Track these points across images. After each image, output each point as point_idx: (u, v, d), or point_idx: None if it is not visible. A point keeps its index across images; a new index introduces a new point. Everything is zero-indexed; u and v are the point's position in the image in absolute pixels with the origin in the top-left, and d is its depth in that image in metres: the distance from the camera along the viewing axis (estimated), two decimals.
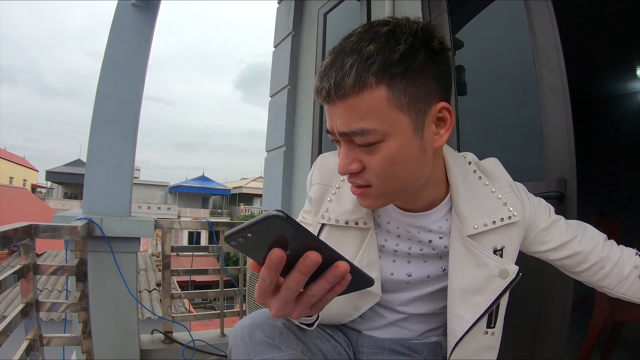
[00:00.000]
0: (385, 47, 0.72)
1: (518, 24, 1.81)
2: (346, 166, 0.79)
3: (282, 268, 0.55)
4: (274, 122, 3.72)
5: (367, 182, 0.80)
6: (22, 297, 1.82)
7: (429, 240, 0.97)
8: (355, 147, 0.77)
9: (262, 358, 0.81)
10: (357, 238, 0.97)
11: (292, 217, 0.50)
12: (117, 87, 2.51)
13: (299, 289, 0.57)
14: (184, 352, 2.42)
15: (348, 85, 0.71)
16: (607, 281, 0.96)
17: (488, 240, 0.90)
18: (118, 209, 2.39)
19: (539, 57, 1.62)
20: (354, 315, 1.03)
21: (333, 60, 0.75)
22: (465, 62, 2.23)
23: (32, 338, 1.82)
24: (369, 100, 0.72)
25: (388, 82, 0.72)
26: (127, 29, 2.58)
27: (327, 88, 0.73)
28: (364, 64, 0.71)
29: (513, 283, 0.89)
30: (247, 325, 0.86)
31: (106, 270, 2.27)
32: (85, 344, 2.05)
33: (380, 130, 0.74)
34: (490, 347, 0.97)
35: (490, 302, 0.90)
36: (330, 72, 0.73)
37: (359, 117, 0.73)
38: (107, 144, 2.44)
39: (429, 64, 0.75)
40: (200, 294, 3.07)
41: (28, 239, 1.80)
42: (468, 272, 0.91)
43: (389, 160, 0.76)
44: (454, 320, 0.93)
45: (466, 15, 2.28)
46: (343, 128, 0.75)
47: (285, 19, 3.72)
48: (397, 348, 1.07)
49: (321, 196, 1.02)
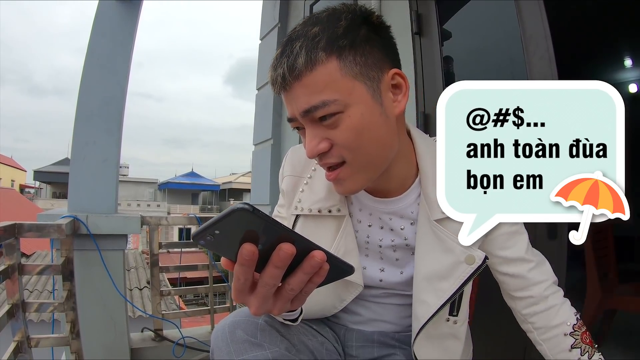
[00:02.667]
0: (329, 26, 0.76)
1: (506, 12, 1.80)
2: (314, 147, 0.79)
3: (255, 264, 0.53)
4: (261, 115, 3.69)
5: (340, 158, 0.80)
6: (8, 298, 1.78)
7: (400, 227, 0.96)
8: (319, 125, 0.78)
9: (244, 357, 0.79)
10: (333, 226, 0.97)
11: (259, 210, 0.48)
12: (100, 83, 2.47)
13: (275, 283, 0.56)
14: (174, 349, 2.39)
15: (300, 65, 0.74)
16: (534, 319, 0.93)
17: (456, 225, 0.86)
18: (104, 206, 2.36)
19: (528, 44, 1.61)
20: (339, 306, 1.02)
21: (282, 50, 0.78)
22: (453, 53, 2.22)
23: (20, 340, 1.79)
24: (323, 74, 0.75)
25: (337, 54, 0.75)
26: (110, 24, 2.54)
27: (281, 74, 0.76)
28: (312, 42, 0.75)
29: (479, 270, 0.88)
30: (227, 324, 0.85)
31: (93, 269, 2.23)
32: (74, 344, 2.01)
33: (340, 100, 0.75)
34: (454, 335, 0.96)
35: (455, 288, 0.88)
36: (282, 59, 0.76)
37: (318, 91, 0.75)
38: (91, 141, 2.40)
39: (372, 36, 0.79)
40: (190, 290, 3.03)
41: (12, 239, 1.76)
42: (434, 257, 0.90)
43: (355, 129, 0.77)
44: (419, 306, 0.92)
45: (454, 6, 2.27)
46: (304, 105, 0.76)
47: (272, 10, 3.69)
48: (386, 340, 1.06)
49: (293, 188, 1.02)
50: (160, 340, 2.50)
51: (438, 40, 2.18)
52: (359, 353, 1.07)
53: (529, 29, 1.60)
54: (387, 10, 2.53)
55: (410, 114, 2.27)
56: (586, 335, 0.90)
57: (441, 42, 2.18)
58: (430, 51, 2.21)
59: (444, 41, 2.19)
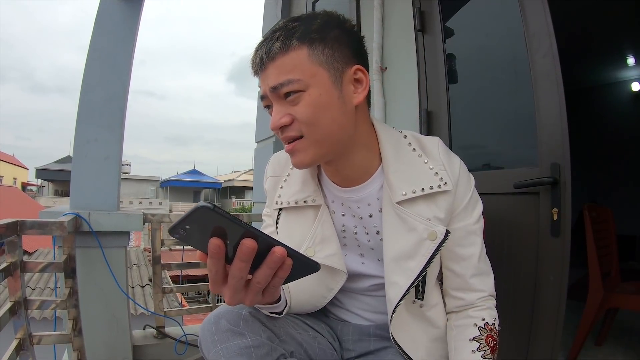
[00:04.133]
0: (306, 22, 0.89)
1: (509, 9, 1.80)
2: (277, 121, 0.89)
3: (223, 257, 0.59)
4: (264, 112, 3.65)
5: (299, 132, 0.90)
6: (10, 295, 1.78)
7: (369, 214, 1.02)
8: (284, 102, 0.89)
9: (226, 344, 0.84)
10: (312, 216, 1.05)
11: (220, 208, 0.54)
12: (102, 80, 2.46)
13: (243, 276, 0.62)
14: (176, 346, 2.39)
15: (277, 48, 0.87)
16: (453, 318, 1.02)
17: (417, 208, 0.95)
18: (106, 203, 2.35)
19: (531, 42, 1.60)
20: (328, 296, 1.06)
21: (264, 39, 0.90)
22: (456, 50, 2.21)
23: (22, 337, 1.79)
24: (293, 57, 0.87)
25: (308, 44, 0.87)
26: (112, 22, 2.52)
27: (260, 55, 0.89)
28: (289, 32, 0.87)
29: (442, 245, 0.92)
30: (213, 315, 0.90)
31: (95, 266, 2.23)
32: (76, 341, 2.01)
33: (303, 80, 0.87)
34: (427, 320, 1.01)
35: (422, 267, 0.93)
36: (262, 45, 0.89)
37: (287, 71, 0.87)
38: (93, 138, 2.39)
39: (343, 37, 0.92)
40: (192, 287, 3.04)
41: (14, 236, 1.76)
42: (400, 238, 0.95)
43: (313, 106, 0.87)
44: (390, 288, 0.97)
45: (456, 3, 2.26)
46: (273, 82, 0.88)
47: (274, 9, 3.69)
48: (382, 333, 1.09)
49: (274, 186, 1.12)
50: (162, 337, 2.50)
51: (441, 37, 2.17)
52: (356, 347, 1.10)
53: (532, 27, 1.60)
54: (390, 7, 2.53)
55: (413, 111, 2.26)
56: (491, 339, 0.96)
57: (444, 40, 2.17)
58: (433, 48, 2.20)
59: (446, 38, 2.19)
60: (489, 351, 0.93)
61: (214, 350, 0.84)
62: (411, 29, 2.30)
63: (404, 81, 2.36)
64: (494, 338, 0.96)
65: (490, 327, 0.96)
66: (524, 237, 1.57)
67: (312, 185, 1.05)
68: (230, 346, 0.83)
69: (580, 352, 2.20)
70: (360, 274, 1.07)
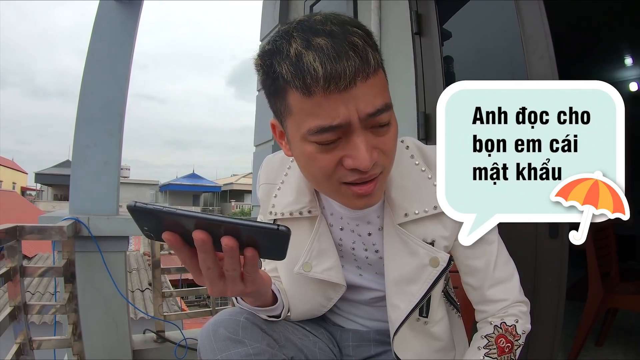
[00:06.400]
0: (366, 31, 0.72)
1: (506, 12, 1.80)
2: (372, 157, 0.72)
3: (181, 248, 0.58)
4: (262, 116, 3.69)
5: (382, 167, 0.76)
6: (10, 300, 1.78)
7: (367, 233, 0.96)
8: (368, 133, 0.71)
9: (226, 353, 0.81)
10: (308, 228, 0.97)
11: (145, 204, 0.53)
12: (101, 85, 2.46)
13: (210, 266, 0.60)
14: (176, 351, 2.39)
15: (372, 63, 0.68)
16: (472, 288, 0.95)
17: (420, 229, 0.88)
18: (105, 207, 2.35)
19: (528, 44, 1.61)
20: (327, 305, 1.03)
21: (332, 42, 0.66)
22: (454, 53, 2.22)
23: (22, 342, 1.78)
24: (382, 77, 0.72)
25: (380, 59, 0.72)
26: (110, 25, 2.53)
27: (351, 68, 0.65)
28: (370, 41, 0.70)
29: (445, 272, 0.88)
30: (211, 323, 0.88)
31: (95, 271, 2.23)
32: (76, 346, 2.01)
33: (390, 106, 0.73)
34: (430, 335, 0.96)
35: (424, 292, 0.88)
36: (342, 51, 0.65)
37: (380, 93, 0.71)
38: (92, 143, 2.39)
39: None
40: (192, 291, 3.04)
41: (14, 241, 1.76)
42: (401, 260, 0.90)
43: (395, 137, 0.76)
44: (391, 310, 0.93)
45: (453, 6, 2.27)
46: (369, 109, 0.69)
47: (272, 11, 3.69)
48: (382, 339, 1.07)
49: (268, 195, 1.04)
50: (162, 341, 2.50)
51: (438, 40, 2.18)
52: (356, 353, 1.08)
53: (529, 29, 1.60)
54: (387, 10, 2.53)
55: (411, 114, 2.27)
56: (504, 340, 0.90)
57: (441, 42, 2.18)
58: (430, 51, 2.21)
59: (444, 41, 2.20)
60: (495, 351, 0.87)
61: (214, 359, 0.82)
62: (408, 31, 2.31)
63: (402, 84, 2.36)
64: (507, 339, 0.89)
65: (508, 327, 0.89)
66: (522, 238, 1.57)
67: (307, 195, 0.95)
68: (231, 355, 0.81)
69: (580, 353, 2.20)
70: (359, 286, 1.03)
